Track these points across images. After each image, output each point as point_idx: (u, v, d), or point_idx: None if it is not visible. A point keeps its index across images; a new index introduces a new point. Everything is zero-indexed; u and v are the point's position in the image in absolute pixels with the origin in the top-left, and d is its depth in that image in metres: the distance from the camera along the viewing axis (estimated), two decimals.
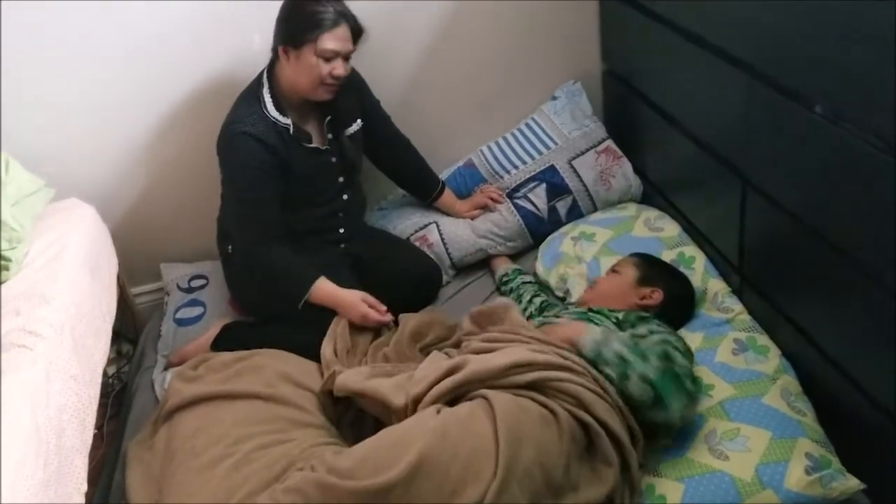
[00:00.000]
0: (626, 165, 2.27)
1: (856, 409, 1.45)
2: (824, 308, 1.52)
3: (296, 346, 1.94)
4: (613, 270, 1.86)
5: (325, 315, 1.93)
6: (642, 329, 1.62)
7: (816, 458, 1.39)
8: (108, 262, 2.04)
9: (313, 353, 1.91)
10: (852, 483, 1.36)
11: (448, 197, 2.31)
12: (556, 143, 2.30)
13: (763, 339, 1.69)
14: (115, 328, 2.29)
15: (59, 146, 2.15)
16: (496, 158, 2.35)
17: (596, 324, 1.65)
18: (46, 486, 1.30)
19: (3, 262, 1.75)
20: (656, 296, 1.77)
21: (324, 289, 1.92)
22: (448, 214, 2.30)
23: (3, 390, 1.37)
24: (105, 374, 2.24)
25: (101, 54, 2.06)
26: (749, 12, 1.51)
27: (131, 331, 2.32)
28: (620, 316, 1.70)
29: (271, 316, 2.04)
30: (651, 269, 1.83)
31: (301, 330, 1.94)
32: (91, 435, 1.58)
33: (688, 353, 1.57)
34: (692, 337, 1.72)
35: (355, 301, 1.93)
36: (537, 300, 1.98)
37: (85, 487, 1.45)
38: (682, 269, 1.92)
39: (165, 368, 2.01)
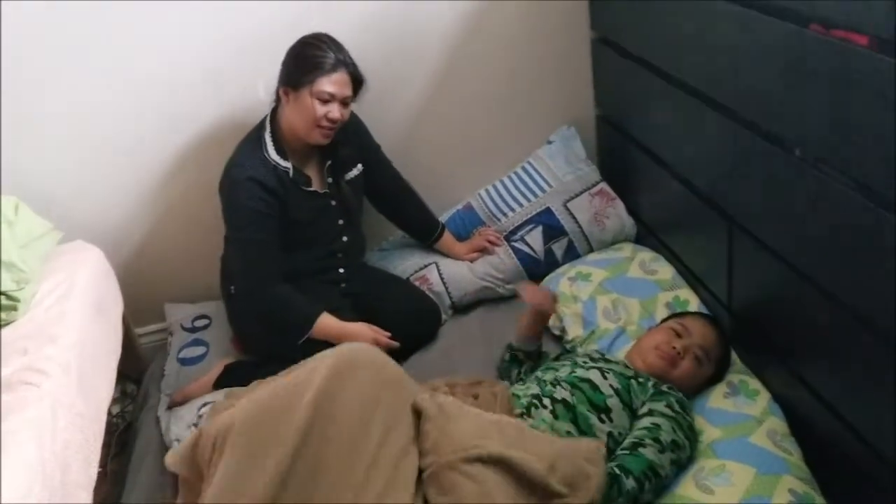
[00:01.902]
0: (620, 207, 2.33)
1: (849, 452, 1.46)
2: (815, 351, 1.54)
3: None
4: (696, 357, 1.70)
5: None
6: (659, 405, 1.61)
7: (800, 494, 1.41)
8: (113, 303, 2.09)
9: None
10: None
11: (448, 239, 2.36)
12: (551, 186, 2.36)
13: (754, 383, 1.71)
14: (120, 368, 2.33)
15: (67, 190, 2.22)
16: (493, 201, 2.41)
17: (630, 390, 1.65)
18: None
19: (11, 303, 1.80)
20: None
21: (328, 323, 1.97)
22: (448, 256, 2.35)
23: (10, 427, 1.41)
24: (109, 413, 2.26)
25: (110, 101, 2.15)
26: (726, 62, 1.57)
27: (136, 370, 2.35)
28: (651, 384, 1.68)
29: (274, 355, 2.07)
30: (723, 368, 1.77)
31: None
32: (95, 472, 1.61)
33: (691, 432, 1.59)
34: None
35: (362, 329, 1.99)
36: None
37: None
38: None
39: (169, 408, 2.04)
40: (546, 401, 1.60)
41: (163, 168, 2.28)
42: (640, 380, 1.68)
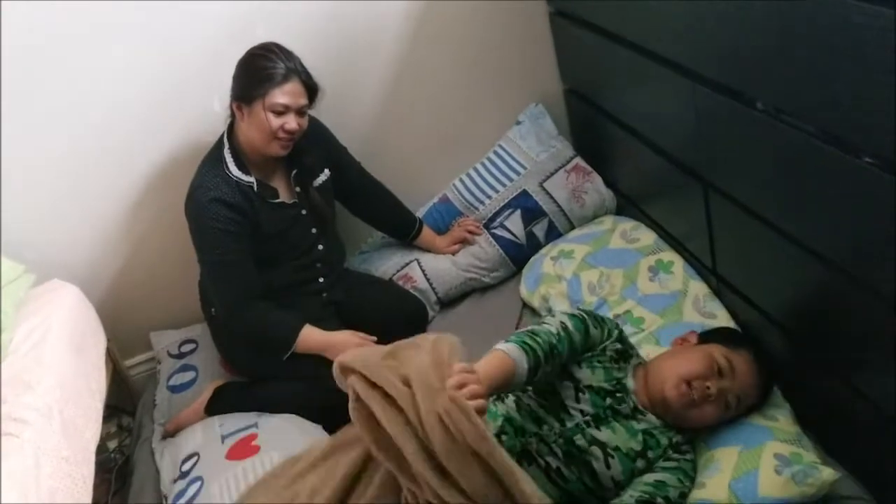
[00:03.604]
0: (598, 180, 2.29)
1: (839, 397, 1.44)
2: (797, 302, 1.51)
3: (289, 401, 1.95)
4: (727, 404, 1.46)
5: (314, 365, 1.93)
6: (670, 463, 1.45)
7: (785, 456, 1.38)
8: (94, 340, 2.06)
9: (308, 407, 1.92)
10: (827, 475, 1.33)
11: (427, 234, 2.32)
12: (525, 168, 2.32)
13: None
14: (114, 402, 2.32)
15: (35, 231, 2.18)
16: (469, 190, 2.37)
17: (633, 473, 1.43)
18: None
19: None
20: None
21: (311, 335, 1.94)
22: (429, 251, 2.32)
23: None
24: (107, 449, 2.27)
25: (66, 140, 2.10)
26: (683, 20, 1.53)
27: (129, 403, 2.33)
28: (661, 450, 1.46)
29: (262, 374, 2.05)
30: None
31: (294, 384, 1.95)
32: None
33: (693, 472, 1.46)
34: None
35: (346, 338, 1.95)
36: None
37: None
38: (661, 274, 1.92)
39: (163, 438, 2.02)
40: (541, 461, 1.43)
41: (129, 199, 2.24)
42: (651, 455, 1.44)
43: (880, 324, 1.24)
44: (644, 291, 1.92)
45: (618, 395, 1.48)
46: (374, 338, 1.98)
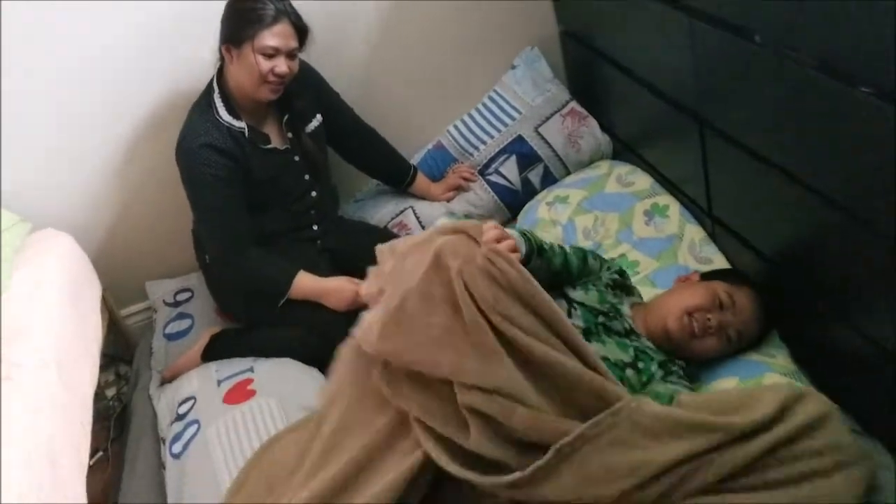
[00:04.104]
0: (593, 125, 2.26)
1: (835, 336, 1.44)
2: (794, 241, 1.50)
3: (285, 347, 1.95)
4: (728, 338, 1.49)
5: (310, 311, 1.93)
6: (673, 379, 1.45)
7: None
8: (89, 288, 2.06)
9: (304, 353, 1.92)
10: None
11: (422, 181, 2.30)
12: (520, 113, 2.28)
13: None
14: (111, 351, 2.33)
15: (28, 181, 2.16)
16: (464, 136, 2.34)
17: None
18: None
19: None
20: None
21: (305, 282, 1.93)
22: (424, 199, 2.30)
23: None
24: (105, 397, 2.28)
25: (55, 80, 2.07)
26: None
27: (126, 352, 2.34)
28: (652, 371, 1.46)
29: (257, 320, 2.05)
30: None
31: (289, 330, 1.95)
32: (86, 459, 1.60)
33: None
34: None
35: (340, 284, 1.94)
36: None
37: (85, 501, 1.47)
38: (657, 217, 1.91)
39: (161, 384, 2.03)
40: None
41: (121, 148, 2.21)
42: (641, 367, 1.43)
43: (880, 261, 1.22)
44: (639, 235, 1.92)
45: (610, 314, 1.50)
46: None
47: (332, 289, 1.93)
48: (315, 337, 1.91)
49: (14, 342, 1.64)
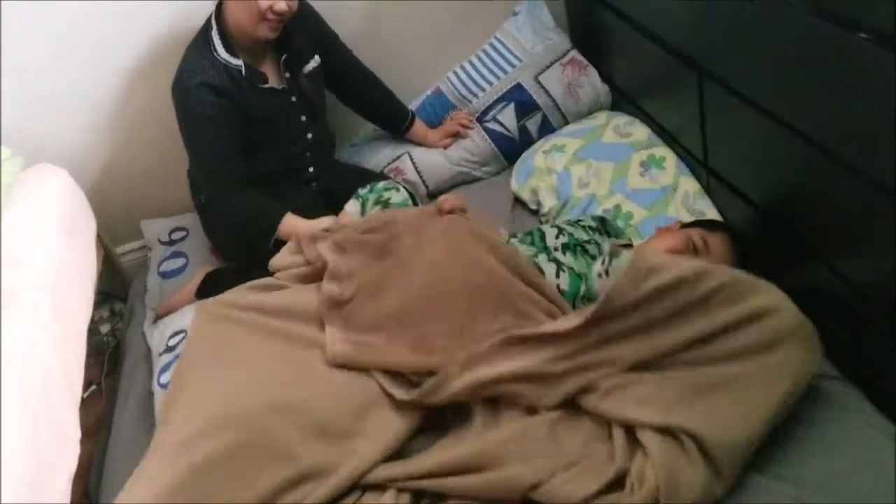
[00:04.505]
0: (594, 75, 2.24)
1: (826, 287, 1.45)
2: (789, 192, 1.51)
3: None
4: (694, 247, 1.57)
5: None
6: None
7: None
8: (85, 224, 2.06)
9: None
10: None
11: (419, 127, 2.29)
12: (520, 61, 2.26)
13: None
14: (106, 289, 2.35)
15: (24, 116, 2.14)
16: (463, 83, 2.32)
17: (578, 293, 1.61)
18: (38, 432, 1.35)
19: None
20: None
21: (294, 223, 1.93)
22: (421, 145, 2.29)
23: None
24: (99, 332, 2.31)
25: (52, 14, 2.03)
26: None
27: (121, 289, 2.35)
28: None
29: (250, 262, 2.05)
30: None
31: None
32: (79, 390, 1.62)
33: None
34: None
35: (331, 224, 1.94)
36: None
37: (79, 436, 1.50)
38: (653, 169, 1.91)
39: (154, 321, 2.04)
40: None
41: (118, 84, 2.20)
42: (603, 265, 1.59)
43: (880, 212, 1.22)
44: (633, 186, 1.91)
45: (591, 244, 1.64)
46: None
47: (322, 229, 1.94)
48: None
49: (10, 273, 1.65)
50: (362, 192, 1.88)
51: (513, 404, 1.40)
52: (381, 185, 1.89)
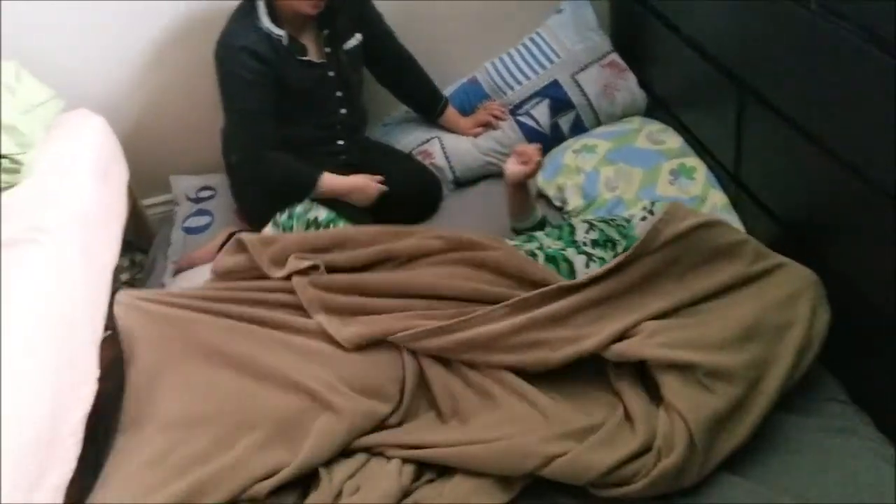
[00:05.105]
0: (631, 79, 2.26)
1: (853, 312, 1.46)
2: (822, 214, 1.52)
3: None
4: None
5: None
6: None
7: None
8: (117, 172, 2.09)
9: None
10: None
11: (451, 114, 2.31)
12: (559, 58, 2.28)
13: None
14: (129, 238, 2.37)
15: (67, 58, 2.18)
16: (500, 74, 2.34)
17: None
18: (59, 366, 1.37)
19: (14, 166, 1.81)
20: None
21: (331, 179, 1.98)
22: (451, 131, 2.31)
23: (14, 283, 1.44)
24: (119, 280, 2.33)
25: None
26: None
27: (143, 241, 2.38)
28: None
29: None
30: None
31: None
32: (100, 331, 1.64)
33: None
34: None
35: (366, 181, 2.01)
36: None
37: (96, 375, 1.52)
38: (682, 178, 1.93)
39: (175, 274, 2.07)
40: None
41: (164, 37, 2.23)
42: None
43: None
44: (661, 193, 1.93)
45: (620, 244, 1.71)
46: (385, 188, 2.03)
47: (357, 185, 1.99)
48: None
49: (43, 210, 1.68)
50: (281, 218, 1.81)
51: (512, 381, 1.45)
52: (299, 209, 1.81)
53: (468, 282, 1.55)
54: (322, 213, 1.76)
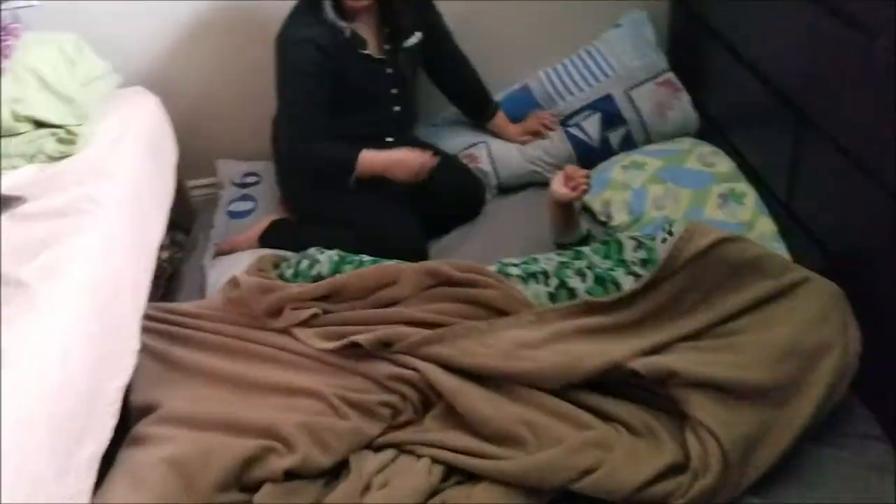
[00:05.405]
0: (685, 99, 2.24)
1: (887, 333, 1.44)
2: (869, 244, 1.50)
3: (339, 247, 1.97)
4: None
5: (369, 214, 1.99)
6: None
7: None
8: (168, 150, 2.12)
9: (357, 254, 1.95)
10: None
11: (501, 119, 2.31)
12: (614, 72, 2.27)
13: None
14: (172, 217, 2.40)
15: (126, 35, 2.23)
16: (553, 83, 2.33)
17: None
18: (102, 334, 1.39)
19: (70, 136, 1.84)
20: None
21: (369, 157, 1.97)
22: (498, 137, 2.31)
23: (63, 251, 1.46)
24: (158, 258, 2.35)
25: None
26: None
27: (186, 221, 2.40)
28: None
29: (315, 218, 2.09)
30: None
31: (344, 232, 1.98)
32: (144, 303, 1.66)
33: None
34: None
35: (408, 154, 1.98)
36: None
37: (137, 345, 1.54)
38: (732, 203, 1.91)
39: (215, 256, 2.09)
40: (552, 280, 1.62)
41: (224, 22, 2.27)
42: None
43: None
44: (709, 216, 1.90)
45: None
46: (430, 154, 2.00)
47: (399, 159, 1.98)
48: (368, 242, 1.94)
49: (95, 181, 1.71)
50: (288, 274, 1.78)
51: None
52: (304, 265, 1.78)
53: (461, 318, 1.57)
54: (325, 268, 1.75)
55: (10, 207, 1.61)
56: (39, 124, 1.85)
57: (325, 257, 1.76)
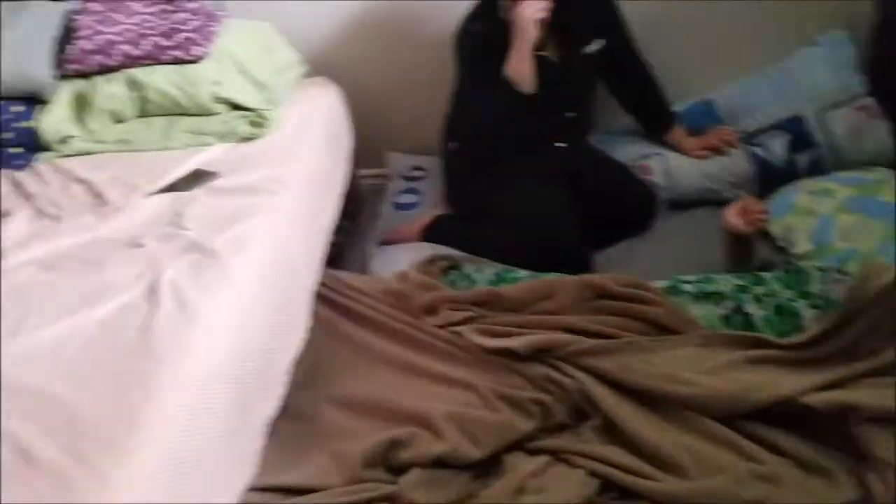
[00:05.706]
0: (883, 127, 2.07)
1: None
2: None
3: (499, 247, 1.96)
4: None
5: (533, 215, 1.95)
6: None
7: None
8: (345, 138, 2.22)
9: (518, 258, 1.91)
10: None
11: (678, 131, 2.22)
12: (807, 92, 2.13)
13: None
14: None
15: (312, 29, 2.36)
16: (738, 98, 2.22)
17: None
18: (279, 307, 1.47)
19: (261, 120, 1.95)
20: None
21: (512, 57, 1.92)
22: (674, 149, 2.22)
23: (248, 227, 1.55)
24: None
25: None
26: None
27: (353, 207, 2.49)
28: None
29: (476, 217, 2.09)
30: None
31: (508, 233, 1.96)
32: (314, 284, 1.73)
33: None
34: None
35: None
36: None
37: (306, 326, 1.60)
38: None
39: (380, 244, 2.15)
40: (728, 303, 1.56)
41: (403, 22, 2.34)
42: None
43: None
44: None
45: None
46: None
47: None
48: (533, 243, 1.92)
49: (282, 164, 1.80)
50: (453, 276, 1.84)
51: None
52: (470, 269, 1.85)
53: (623, 331, 1.54)
54: (479, 275, 1.79)
55: (207, 182, 1.73)
56: (235, 106, 1.97)
57: (482, 277, 1.80)
